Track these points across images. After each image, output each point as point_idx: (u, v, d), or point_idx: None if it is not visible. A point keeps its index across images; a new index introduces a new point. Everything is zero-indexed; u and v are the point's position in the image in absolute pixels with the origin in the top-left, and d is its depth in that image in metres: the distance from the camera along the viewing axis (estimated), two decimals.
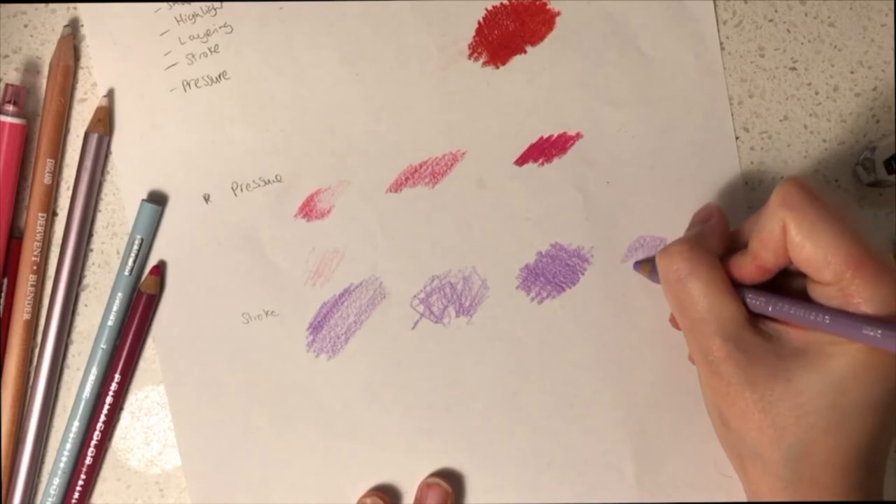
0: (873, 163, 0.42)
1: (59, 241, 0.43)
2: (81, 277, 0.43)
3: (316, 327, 0.43)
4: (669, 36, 0.44)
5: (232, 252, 0.43)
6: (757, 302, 0.36)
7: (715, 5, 0.44)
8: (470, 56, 0.44)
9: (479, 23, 0.43)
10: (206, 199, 0.43)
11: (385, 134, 0.43)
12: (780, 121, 0.44)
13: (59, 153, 0.43)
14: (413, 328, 0.43)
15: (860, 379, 0.34)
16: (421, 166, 0.43)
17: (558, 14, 0.44)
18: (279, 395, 0.43)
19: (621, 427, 0.43)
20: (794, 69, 0.44)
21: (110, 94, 0.43)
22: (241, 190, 0.43)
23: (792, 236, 0.34)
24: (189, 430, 0.43)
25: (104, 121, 0.43)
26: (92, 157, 0.42)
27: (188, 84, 0.43)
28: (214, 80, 0.43)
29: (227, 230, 0.43)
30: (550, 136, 0.44)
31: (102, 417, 0.42)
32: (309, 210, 0.43)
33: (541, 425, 0.43)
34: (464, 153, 0.43)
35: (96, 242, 0.43)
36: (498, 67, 0.44)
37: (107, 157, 0.43)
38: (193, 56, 0.43)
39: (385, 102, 0.43)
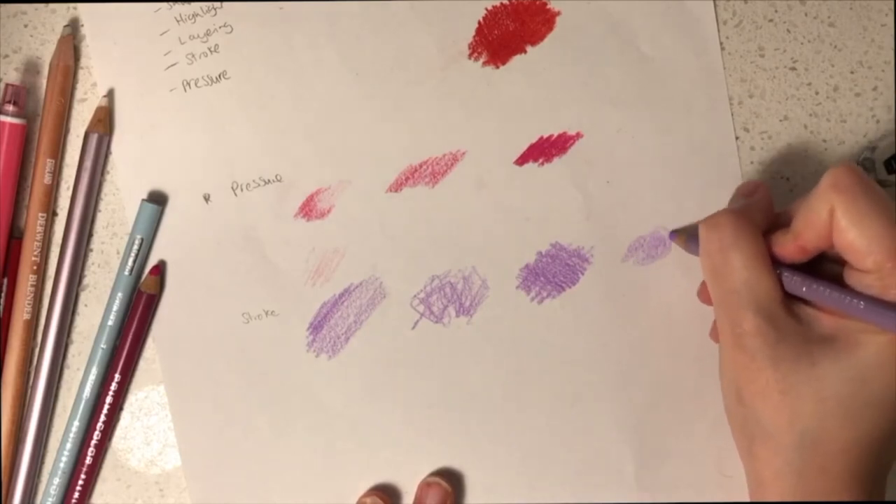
0: (873, 163, 0.42)
1: (59, 241, 0.43)
2: (81, 277, 0.43)
3: (316, 327, 0.43)
4: (669, 36, 0.44)
5: (232, 252, 0.43)
6: (792, 281, 0.36)
7: (715, 5, 0.44)
8: (470, 56, 0.44)
9: (479, 23, 0.43)
10: (206, 199, 0.43)
11: (385, 134, 0.43)
12: (780, 121, 0.44)
13: (59, 153, 0.43)
14: (413, 328, 0.43)
15: (885, 370, 0.34)
16: (421, 166, 0.43)
17: (558, 14, 0.44)
18: (279, 395, 0.43)
19: (621, 427, 0.43)
20: (794, 69, 0.44)
21: (110, 94, 0.43)
22: (241, 190, 0.43)
23: (838, 220, 0.34)
24: (189, 430, 0.43)
25: (104, 121, 0.43)
26: (92, 157, 0.42)
27: (188, 84, 0.43)
28: (214, 80, 0.43)
29: (227, 230, 0.43)
30: (550, 136, 0.44)
31: (102, 417, 0.42)
32: (309, 210, 0.43)
33: (541, 425, 0.43)
34: (464, 153, 0.43)
35: (96, 242, 0.43)
36: (498, 67, 0.44)
37: (107, 157, 0.43)
38: (193, 56, 0.43)
39: (385, 102, 0.43)
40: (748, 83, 0.44)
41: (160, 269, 0.43)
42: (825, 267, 0.37)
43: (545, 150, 0.44)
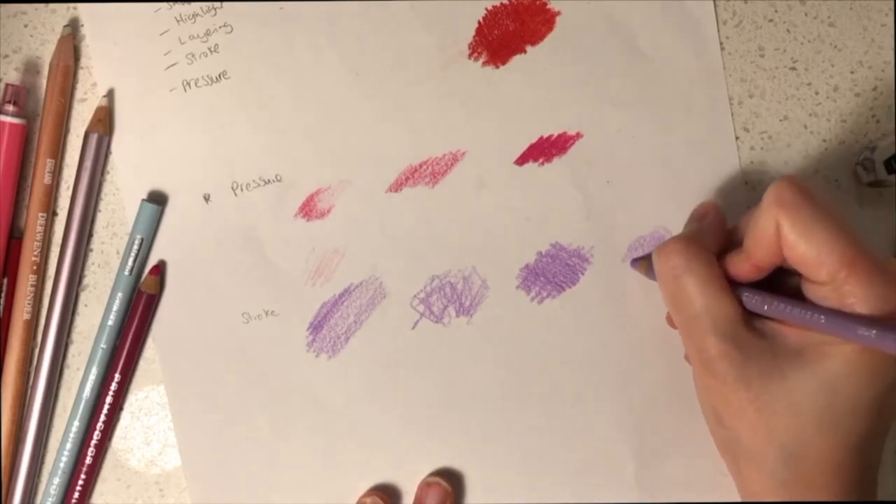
0: (873, 163, 0.42)
1: (59, 241, 0.43)
2: (81, 277, 0.43)
3: (316, 327, 0.43)
4: (669, 36, 0.44)
5: (232, 252, 0.43)
6: (753, 300, 0.36)
7: (715, 5, 0.44)
8: (470, 56, 0.44)
9: (479, 22, 0.44)
10: (206, 199, 0.43)
11: (385, 134, 0.43)
12: (780, 121, 0.44)
13: (59, 153, 0.43)
14: (413, 328, 0.43)
15: (854, 379, 0.34)
16: (421, 166, 0.43)
17: (558, 14, 0.44)
18: (279, 395, 0.43)
19: (621, 427, 0.43)
20: (794, 69, 0.44)
21: (110, 94, 0.43)
22: (241, 190, 0.43)
23: (785, 235, 0.34)
24: (189, 430, 0.43)
25: (104, 121, 0.43)
26: (92, 157, 0.42)
27: (188, 84, 0.43)
28: (214, 79, 0.43)
29: (227, 230, 0.43)
30: (550, 136, 0.44)
31: (102, 417, 0.42)
32: (309, 210, 0.43)
33: (541, 425, 0.43)
34: (464, 153, 0.43)
35: (96, 242, 0.43)
36: (498, 67, 0.44)
37: (107, 157, 0.43)
38: (193, 56, 0.43)
39: (385, 102, 0.43)
40: (748, 83, 0.44)
41: (160, 269, 0.43)
42: (787, 279, 0.37)
43: (545, 150, 0.44)
